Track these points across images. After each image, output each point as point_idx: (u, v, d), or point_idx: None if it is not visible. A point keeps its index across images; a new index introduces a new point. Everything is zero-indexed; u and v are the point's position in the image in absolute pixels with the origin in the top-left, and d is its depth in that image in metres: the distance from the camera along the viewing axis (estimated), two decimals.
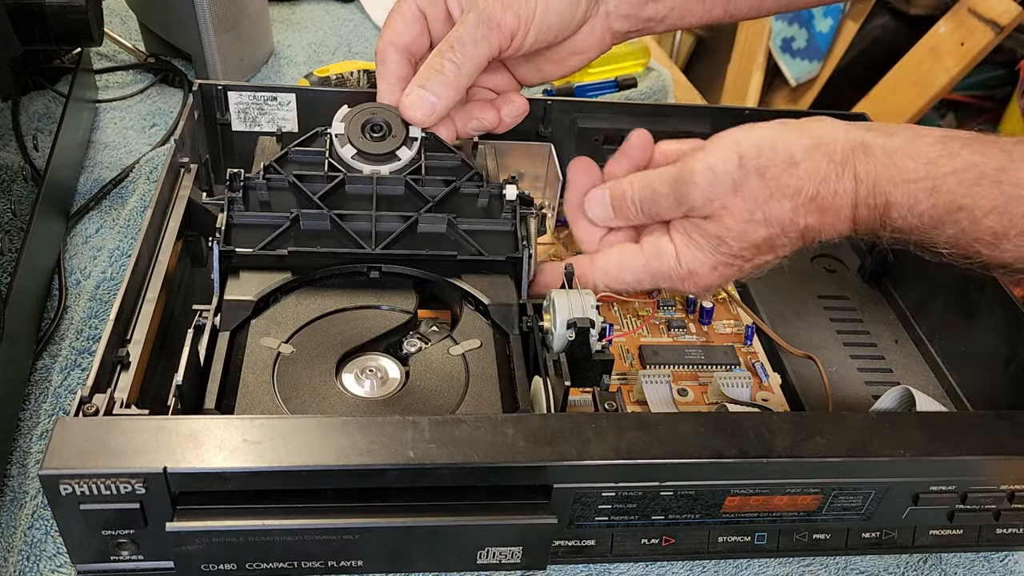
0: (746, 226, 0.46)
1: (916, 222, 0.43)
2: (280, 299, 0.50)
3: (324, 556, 0.38)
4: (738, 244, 0.46)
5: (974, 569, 0.48)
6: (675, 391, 0.54)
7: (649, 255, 0.49)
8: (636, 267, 0.50)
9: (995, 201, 0.41)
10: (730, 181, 0.45)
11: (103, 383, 0.40)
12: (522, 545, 0.39)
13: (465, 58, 0.51)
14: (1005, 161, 0.42)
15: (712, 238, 0.47)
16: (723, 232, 0.46)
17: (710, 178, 0.46)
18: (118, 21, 0.92)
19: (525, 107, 0.58)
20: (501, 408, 0.45)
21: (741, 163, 0.45)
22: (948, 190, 0.42)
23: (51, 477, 0.35)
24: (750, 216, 0.45)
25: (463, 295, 0.52)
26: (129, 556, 0.38)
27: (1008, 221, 0.41)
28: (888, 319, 0.64)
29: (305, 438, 0.37)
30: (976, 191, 0.42)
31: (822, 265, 0.69)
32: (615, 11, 0.55)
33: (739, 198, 0.45)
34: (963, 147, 0.43)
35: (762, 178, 0.45)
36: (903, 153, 0.43)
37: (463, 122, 0.56)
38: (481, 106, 0.57)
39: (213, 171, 0.61)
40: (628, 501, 0.40)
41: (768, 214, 0.45)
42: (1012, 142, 0.43)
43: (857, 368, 0.59)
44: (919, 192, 0.43)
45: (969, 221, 0.42)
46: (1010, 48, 1.62)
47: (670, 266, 0.48)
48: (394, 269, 0.52)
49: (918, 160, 0.43)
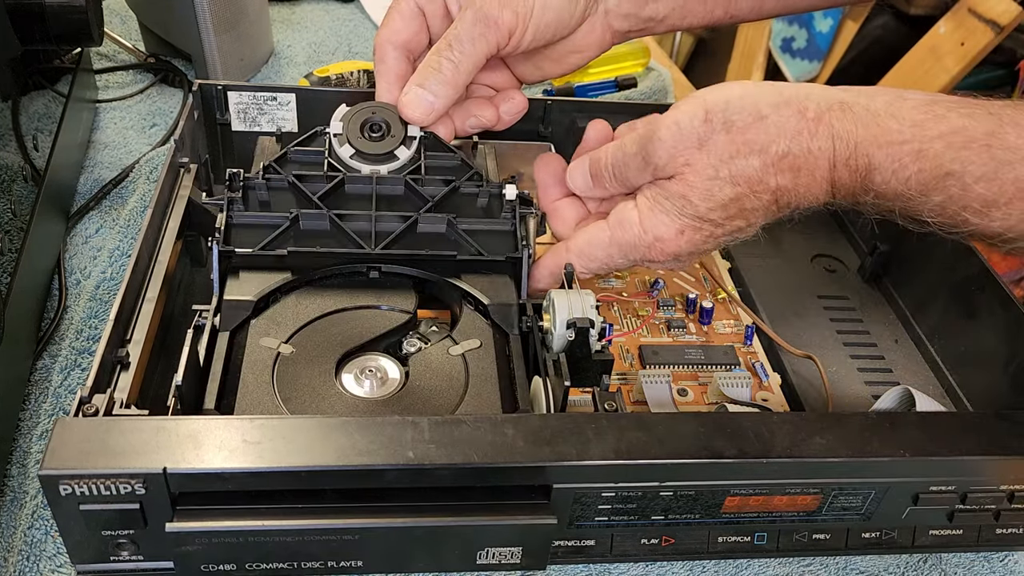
0: (711, 184, 0.44)
1: (901, 188, 0.41)
2: (280, 299, 0.50)
3: (324, 556, 0.38)
4: (704, 204, 0.44)
5: (974, 569, 0.48)
6: (675, 391, 0.54)
7: (613, 226, 0.48)
8: (603, 241, 0.48)
9: (985, 167, 0.40)
10: (695, 137, 0.44)
11: (103, 383, 0.40)
12: (522, 545, 0.39)
13: (463, 56, 0.50)
14: (994, 125, 0.40)
15: (677, 198, 0.45)
16: (687, 191, 0.44)
17: (674, 133, 0.44)
18: (118, 21, 0.92)
19: (524, 104, 0.57)
20: (501, 408, 0.45)
21: (707, 118, 0.43)
22: (935, 154, 0.40)
23: (51, 477, 0.35)
24: (715, 173, 0.44)
25: (463, 295, 0.52)
26: (129, 556, 0.38)
27: (998, 188, 0.40)
28: (888, 319, 0.64)
29: (305, 438, 0.37)
30: (965, 155, 0.40)
31: (822, 265, 0.68)
32: (615, 10, 0.55)
33: (704, 154, 0.44)
34: (949, 110, 0.41)
35: (728, 133, 0.43)
36: (886, 114, 0.42)
37: (461, 120, 0.56)
38: (480, 104, 0.57)
39: (213, 171, 0.61)
40: (628, 501, 0.40)
41: (735, 171, 0.43)
42: (1000, 105, 0.41)
43: (857, 368, 0.59)
44: (904, 155, 0.41)
45: (958, 188, 0.40)
46: (1010, 48, 1.62)
47: (634, 233, 0.47)
48: (394, 269, 0.52)
49: (903, 122, 0.41)
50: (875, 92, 0.43)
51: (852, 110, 0.42)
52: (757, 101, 0.43)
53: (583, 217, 0.52)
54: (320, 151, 0.54)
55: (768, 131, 0.43)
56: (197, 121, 0.61)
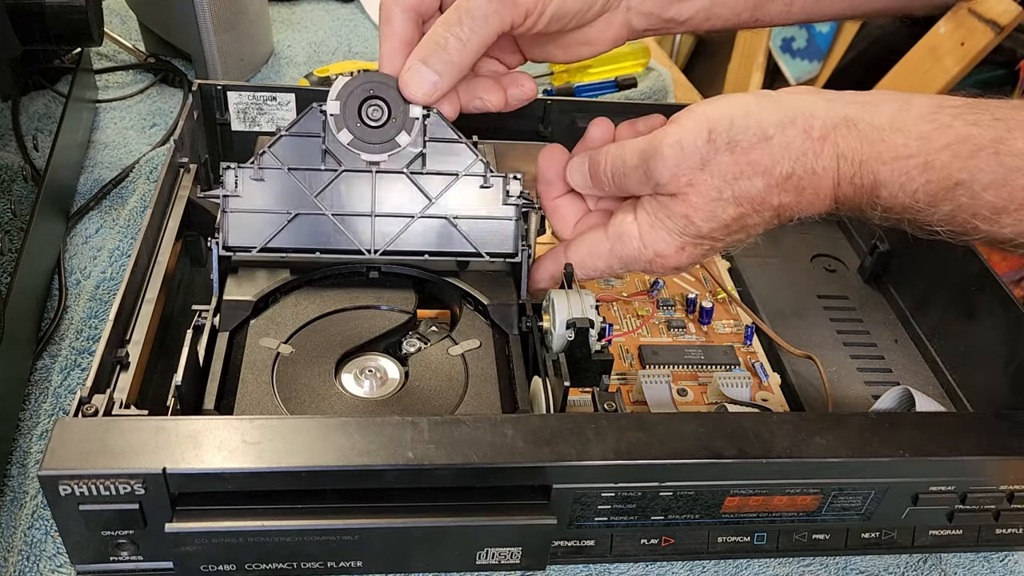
0: (714, 205, 0.43)
1: (909, 200, 0.41)
2: (279, 299, 0.50)
3: (324, 557, 0.38)
4: (707, 224, 0.44)
5: (974, 569, 0.48)
6: (675, 391, 0.54)
7: (613, 239, 0.48)
8: (603, 253, 0.48)
9: (994, 175, 0.39)
10: (698, 157, 0.43)
11: (103, 383, 0.40)
12: (521, 545, 0.39)
13: (473, 34, 0.47)
14: (1002, 131, 0.39)
15: (679, 218, 0.45)
16: (690, 212, 0.44)
17: (677, 153, 0.43)
18: (118, 21, 0.92)
19: (533, 91, 0.54)
20: (500, 408, 0.45)
21: (710, 137, 0.43)
22: (942, 165, 0.40)
23: (50, 478, 0.35)
24: (718, 195, 0.43)
25: (462, 295, 0.52)
26: (129, 556, 0.38)
27: (1008, 195, 0.39)
28: (888, 319, 0.64)
29: (304, 438, 0.37)
30: (973, 164, 0.40)
31: (822, 265, 0.68)
32: (637, 7, 0.53)
33: (707, 175, 0.43)
34: (955, 117, 0.40)
35: (732, 153, 0.42)
36: (891, 128, 0.41)
37: (467, 98, 0.53)
38: (487, 85, 0.53)
39: (213, 171, 0.61)
40: (628, 501, 0.40)
41: (738, 192, 0.43)
42: (1007, 107, 0.41)
43: (857, 368, 0.59)
44: (911, 169, 0.40)
45: (967, 197, 0.40)
46: (1010, 48, 1.61)
47: (634, 247, 0.47)
48: (393, 269, 0.52)
49: (908, 135, 0.41)
50: (880, 101, 0.43)
51: (857, 127, 0.42)
52: (761, 120, 0.43)
53: (583, 214, 0.52)
54: (316, 135, 0.50)
55: (773, 152, 0.42)
56: (197, 121, 0.61)
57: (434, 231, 0.52)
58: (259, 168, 0.49)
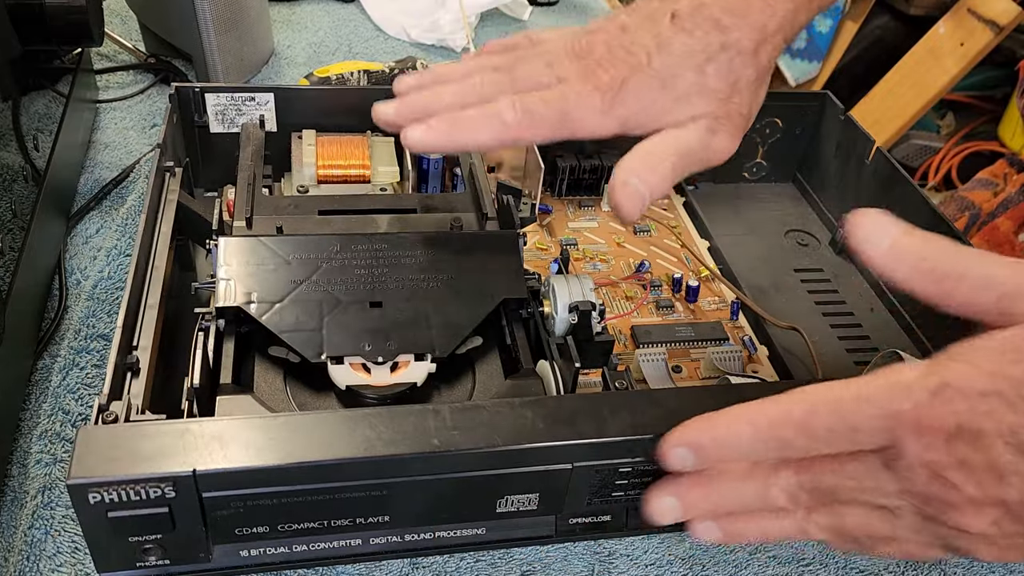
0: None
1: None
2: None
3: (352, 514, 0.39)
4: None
5: (974, 569, 0.48)
6: (670, 368, 0.55)
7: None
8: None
9: None
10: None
11: (118, 390, 0.40)
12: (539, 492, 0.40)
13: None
14: None
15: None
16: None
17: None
18: (118, 21, 0.91)
19: None
20: (503, 373, 0.46)
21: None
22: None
23: (80, 486, 0.34)
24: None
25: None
26: (155, 561, 0.38)
27: None
28: (862, 288, 0.66)
29: (330, 432, 0.37)
30: None
31: (795, 240, 0.71)
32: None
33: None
34: None
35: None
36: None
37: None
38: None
39: (193, 174, 0.61)
40: (645, 476, 0.41)
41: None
42: None
43: (837, 336, 0.61)
44: None
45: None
46: (1010, 48, 1.64)
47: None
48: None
49: None
50: None
51: None
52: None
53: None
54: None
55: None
56: (176, 124, 0.60)
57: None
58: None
